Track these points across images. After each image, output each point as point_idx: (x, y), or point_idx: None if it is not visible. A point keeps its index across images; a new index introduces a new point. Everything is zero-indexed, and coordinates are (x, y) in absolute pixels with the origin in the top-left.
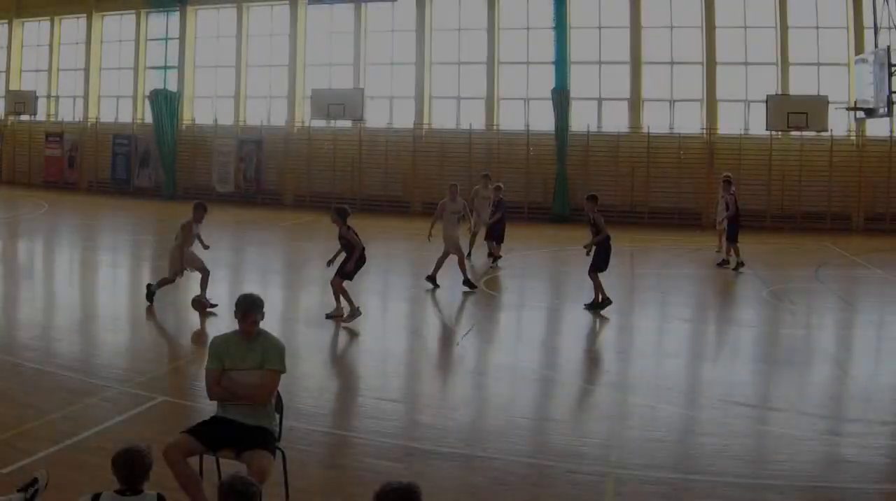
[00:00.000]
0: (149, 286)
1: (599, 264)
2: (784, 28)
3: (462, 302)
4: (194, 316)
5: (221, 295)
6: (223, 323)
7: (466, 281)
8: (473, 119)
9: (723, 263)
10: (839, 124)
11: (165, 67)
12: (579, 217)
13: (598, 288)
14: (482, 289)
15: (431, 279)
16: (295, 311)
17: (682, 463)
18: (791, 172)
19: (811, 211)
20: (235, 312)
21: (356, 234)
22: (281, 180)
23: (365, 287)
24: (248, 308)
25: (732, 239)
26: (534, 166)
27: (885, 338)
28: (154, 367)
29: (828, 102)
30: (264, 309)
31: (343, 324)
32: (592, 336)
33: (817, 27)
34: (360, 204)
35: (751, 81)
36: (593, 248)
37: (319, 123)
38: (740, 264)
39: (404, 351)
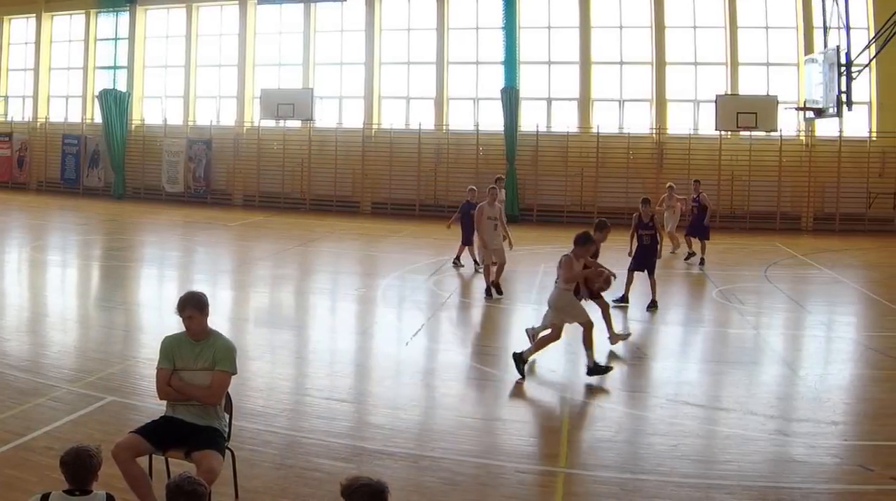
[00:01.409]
0: None
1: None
2: (733, 28)
3: (411, 302)
4: (143, 315)
5: (171, 295)
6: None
7: (489, 289)
8: (423, 119)
9: (690, 256)
10: (788, 124)
11: (115, 67)
12: (528, 217)
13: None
14: (431, 288)
15: (496, 287)
16: (244, 311)
17: (631, 463)
18: (740, 172)
19: (761, 211)
20: (176, 309)
21: None
22: (230, 180)
23: (314, 287)
24: (185, 303)
25: (706, 236)
26: (483, 166)
27: (834, 339)
28: (103, 367)
29: (777, 102)
30: (208, 308)
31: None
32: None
33: (766, 27)
34: (309, 204)
35: (700, 81)
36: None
37: (269, 123)
38: (693, 254)
39: (353, 352)
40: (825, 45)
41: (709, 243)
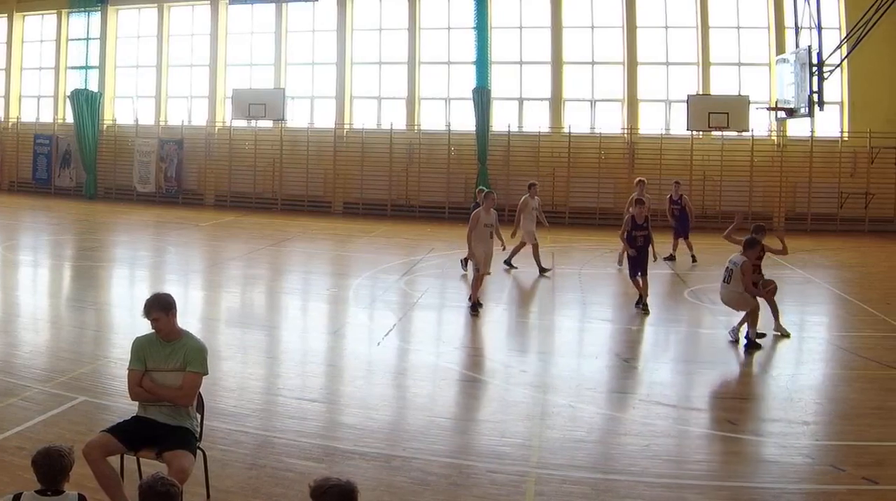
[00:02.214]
0: None
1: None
2: (705, 28)
3: (383, 302)
4: (115, 316)
5: (142, 295)
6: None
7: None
8: (394, 119)
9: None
10: (760, 124)
11: (86, 67)
12: (500, 217)
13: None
14: (403, 288)
15: (541, 269)
16: (216, 311)
17: (602, 463)
18: (712, 172)
19: (732, 211)
20: (143, 313)
21: None
22: (202, 180)
23: (285, 287)
24: (150, 306)
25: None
26: (455, 166)
27: (805, 339)
28: (74, 367)
29: (749, 102)
30: (174, 309)
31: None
32: (513, 336)
33: (738, 27)
34: (280, 204)
35: (672, 81)
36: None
37: (240, 123)
38: (674, 257)
39: (325, 352)
40: (797, 45)
41: (681, 243)
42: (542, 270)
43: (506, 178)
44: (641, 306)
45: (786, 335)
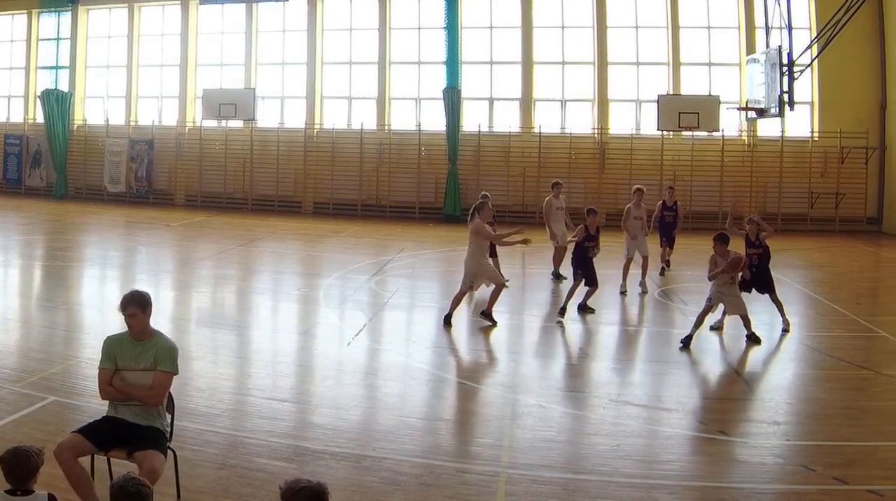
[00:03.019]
0: None
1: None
2: (675, 28)
3: (353, 302)
4: (85, 316)
5: (113, 295)
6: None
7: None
8: (365, 119)
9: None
10: (731, 124)
11: (57, 67)
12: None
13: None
14: (373, 288)
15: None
16: (187, 311)
17: (573, 463)
18: (682, 172)
19: (703, 211)
20: (119, 308)
21: None
22: (172, 180)
23: (256, 287)
24: (127, 301)
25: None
26: (425, 166)
27: (776, 339)
28: (45, 367)
29: (719, 102)
30: (150, 307)
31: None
32: (483, 336)
33: (708, 27)
34: (251, 204)
35: (642, 81)
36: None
37: (211, 123)
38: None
39: (295, 352)
40: (767, 45)
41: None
42: (557, 275)
43: (476, 178)
44: (578, 309)
45: (755, 340)
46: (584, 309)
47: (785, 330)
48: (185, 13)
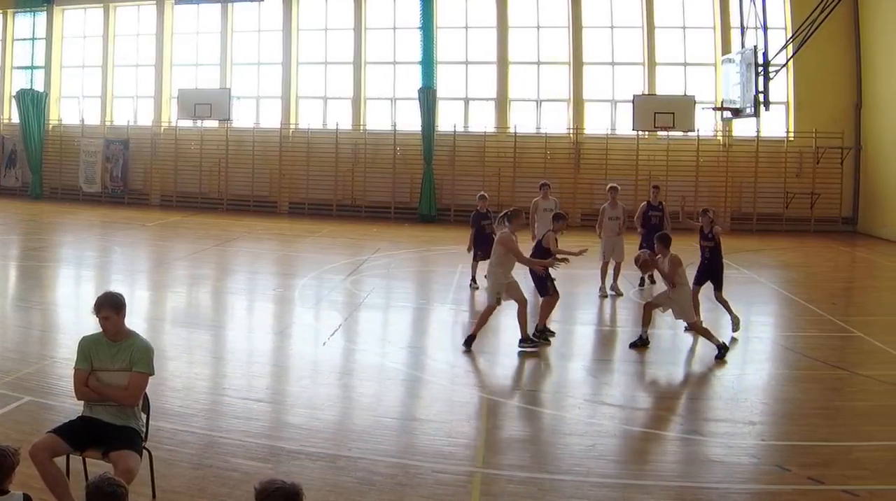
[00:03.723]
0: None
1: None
2: (650, 28)
3: (328, 302)
4: (61, 315)
5: (88, 295)
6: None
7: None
8: (340, 119)
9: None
10: (706, 124)
11: (32, 67)
12: (445, 217)
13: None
14: (348, 288)
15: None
16: (162, 311)
17: (548, 463)
18: (658, 172)
19: (678, 211)
20: (93, 310)
21: None
22: (147, 180)
23: (231, 287)
24: (101, 303)
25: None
26: (401, 166)
27: (751, 339)
28: (20, 367)
29: (694, 102)
30: (125, 309)
31: None
32: (459, 336)
33: (684, 27)
34: (226, 204)
35: (617, 81)
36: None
37: (186, 123)
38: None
39: (271, 352)
40: (742, 45)
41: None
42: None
43: (451, 178)
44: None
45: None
46: (543, 331)
47: (735, 329)
48: (160, 13)
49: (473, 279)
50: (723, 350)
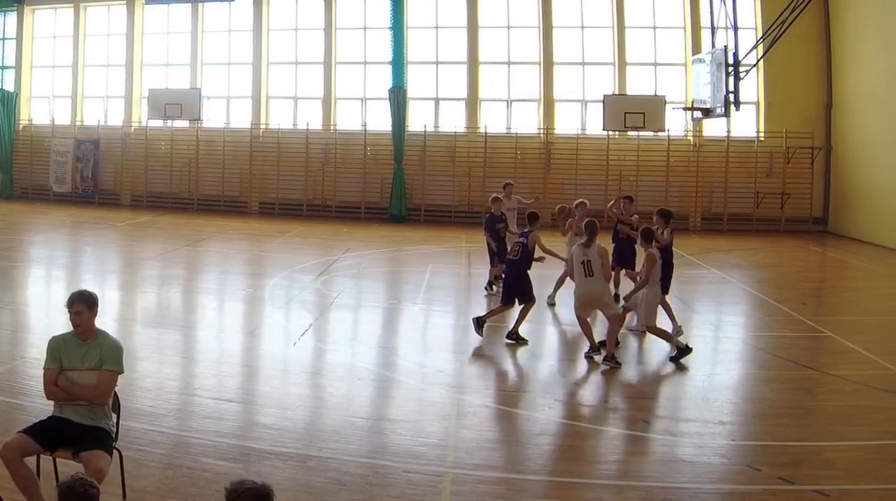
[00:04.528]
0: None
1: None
2: (621, 28)
3: (299, 302)
4: (31, 315)
5: (58, 295)
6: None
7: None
8: (310, 119)
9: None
10: (676, 124)
11: (2, 67)
12: (416, 217)
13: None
14: (319, 288)
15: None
16: (132, 311)
17: (518, 463)
18: (628, 172)
19: (648, 211)
20: (66, 306)
21: None
22: (118, 180)
23: (202, 287)
24: (74, 298)
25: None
26: (371, 166)
27: (721, 339)
28: None
29: (665, 102)
30: (97, 306)
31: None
32: (429, 336)
33: (654, 27)
34: (197, 204)
35: (588, 81)
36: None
37: (156, 123)
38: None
39: (241, 352)
40: (713, 45)
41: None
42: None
43: (422, 178)
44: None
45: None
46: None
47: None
48: (130, 13)
49: (490, 283)
50: (683, 352)
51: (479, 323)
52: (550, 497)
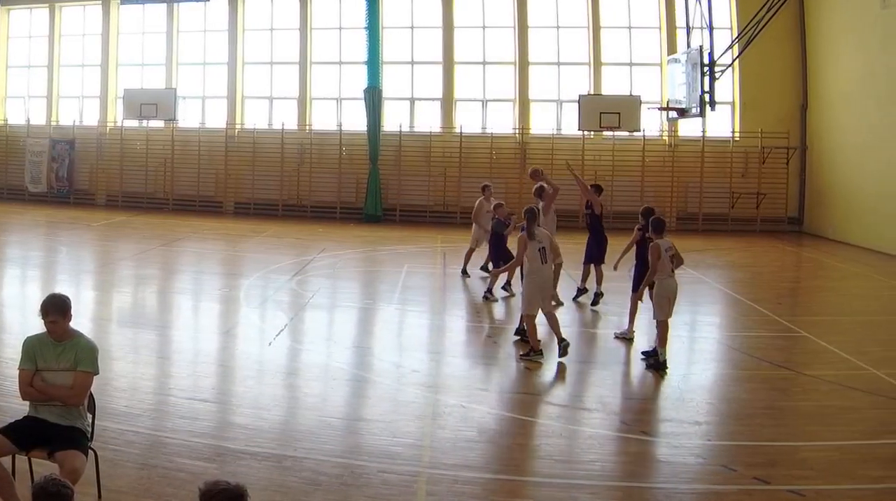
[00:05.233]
0: None
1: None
2: (596, 28)
3: (274, 302)
4: (6, 316)
5: (33, 295)
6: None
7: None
8: (286, 119)
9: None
10: (652, 124)
11: None
12: (391, 217)
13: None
14: (294, 288)
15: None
16: (108, 311)
17: (493, 463)
18: (603, 172)
19: (623, 211)
20: (40, 313)
21: None
22: (93, 180)
23: (177, 287)
24: (47, 308)
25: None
26: (346, 166)
27: (697, 339)
28: None
29: (640, 102)
30: (71, 310)
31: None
32: (404, 336)
33: (630, 27)
34: (172, 204)
35: (563, 81)
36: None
37: (132, 123)
38: (584, 290)
39: (216, 352)
40: (688, 45)
41: (571, 244)
42: (465, 272)
43: (397, 178)
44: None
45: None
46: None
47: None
48: (105, 13)
49: (509, 283)
50: (661, 363)
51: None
52: (525, 497)
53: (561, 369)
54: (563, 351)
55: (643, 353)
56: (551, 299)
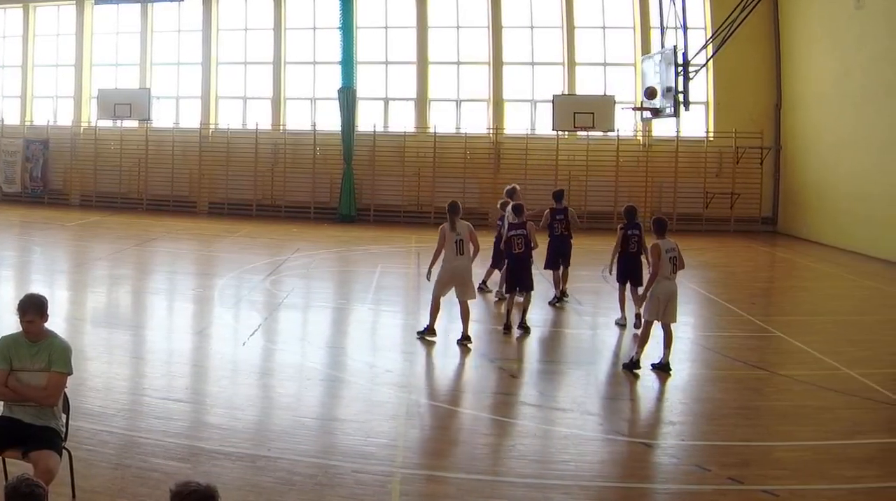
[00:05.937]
0: None
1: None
2: (570, 28)
3: (248, 302)
4: None
5: (7, 295)
6: (12, 323)
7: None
8: (260, 119)
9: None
10: (626, 124)
11: None
12: (365, 217)
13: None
14: (268, 288)
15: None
16: (82, 311)
17: (467, 463)
18: (577, 172)
19: (598, 211)
20: (17, 312)
21: None
22: (67, 180)
23: (151, 287)
24: (25, 307)
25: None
26: (320, 166)
27: (676, 339)
28: None
29: (614, 102)
30: (48, 310)
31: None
32: (378, 336)
33: (604, 27)
34: (146, 204)
35: (537, 81)
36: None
37: (106, 123)
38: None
39: (190, 352)
40: (662, 45)
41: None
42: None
43: (371, 178)
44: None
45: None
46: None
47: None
48: (79, 13)
49: (484, 282)
50: (634, 362)
51: (520, 326)
52: (499, 497)
53: (535, 370)
54: (461, 343)
55: (652, 365)
56: (471, 290)
